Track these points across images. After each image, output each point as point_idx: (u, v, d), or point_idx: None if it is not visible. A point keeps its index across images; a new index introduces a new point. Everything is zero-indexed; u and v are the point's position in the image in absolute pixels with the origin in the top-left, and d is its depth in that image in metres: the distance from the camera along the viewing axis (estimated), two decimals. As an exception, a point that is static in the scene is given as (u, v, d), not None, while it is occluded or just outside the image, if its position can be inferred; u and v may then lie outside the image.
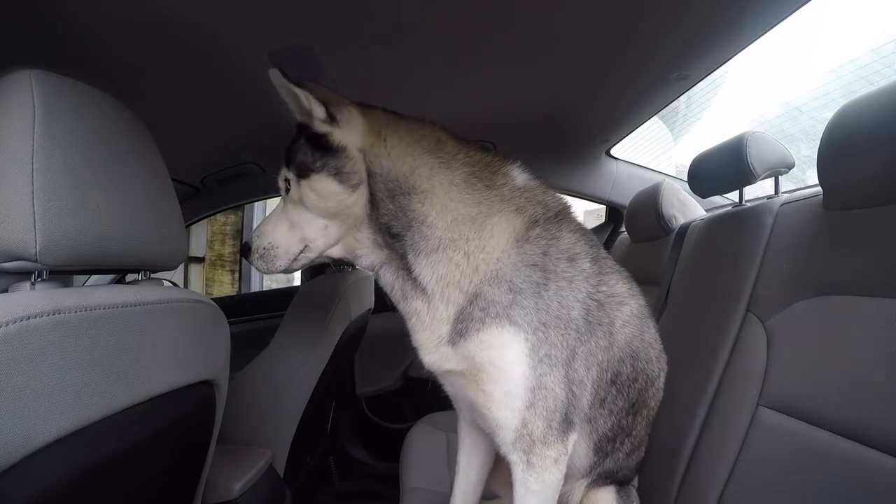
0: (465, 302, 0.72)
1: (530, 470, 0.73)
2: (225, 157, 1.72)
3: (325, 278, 1.46)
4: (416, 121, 0.79)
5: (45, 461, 0.44)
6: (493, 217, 0.74)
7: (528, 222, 0.75)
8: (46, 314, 0.45)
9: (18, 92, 0.48)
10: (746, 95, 2.18)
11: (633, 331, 0.82)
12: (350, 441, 1.98)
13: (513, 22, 0.98)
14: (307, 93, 0.72)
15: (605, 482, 0.87)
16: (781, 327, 0.80)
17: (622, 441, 0.85)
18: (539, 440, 0.71)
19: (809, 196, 0.86)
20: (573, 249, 0.76)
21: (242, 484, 0.92)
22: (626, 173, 1.91)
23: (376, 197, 0.74)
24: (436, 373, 0.82)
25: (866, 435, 0.60)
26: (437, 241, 0.73)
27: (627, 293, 0.83)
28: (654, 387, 0.88)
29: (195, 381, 0.67)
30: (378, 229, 0.75)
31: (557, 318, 0.71)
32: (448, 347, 0.74)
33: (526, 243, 0.73)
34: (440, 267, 0.73)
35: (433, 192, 0.73)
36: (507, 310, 0.70)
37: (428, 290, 0.74)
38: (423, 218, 0.73)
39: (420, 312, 0.76)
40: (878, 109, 0.65)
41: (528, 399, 0.70)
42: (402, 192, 0.73)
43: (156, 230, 0.63)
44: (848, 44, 1.69)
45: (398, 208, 0.73)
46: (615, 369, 0.79)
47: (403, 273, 0.76)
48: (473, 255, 0.72)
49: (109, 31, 0.92)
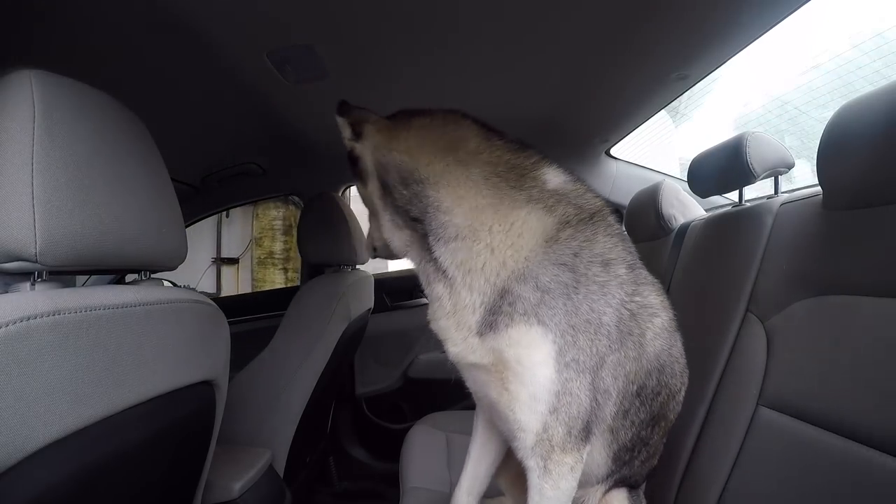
0: (494, 295, 0.72)
1: (546, 476, 0.72)
2: (225, 157, 1.72)
3: (325, 278, 1.46)
4: (442, 119, 0.81)
5: (45, 461, 0.44)
6: (521, 211, 0.74)
7: (559, 223, 0.74)
8: (46, 314, 0.45)
9: (18, 92, 0.48)
10: (732, 87, 2.17)
11: (663, 344, 0.80)
12: (350, 441, 1.97)
13: (512, 22, 0.98)
14: (341, 118, 0.86)
15: (618, 486, 0.87)
16: (781, 327, 0.80)
17: (640, 451, 0.84)
18: (558, 446, 0.71)
19: (809, 196, 0.86)
20: (608, 254, 0.74)
21: (242, 484, 0.92)
22: (625, 173, 1.92)
23: (388, 185, 0.79)
24: (459, 365, 0.80)
25: (866, 435, 0.60)
26: (455, 228, 0.73)
27: (660, 305, 0.81)
28: (675, 400, 0.85)
29: (195, 382, 0.67)
30: (395, 211, 0.80)
31: (587, 322, 0.70)
32: (476, 339, 0.73)
33: (556, 244, 0.72)
34: (460, 253, 0.74)
35: (447, 183, 0.75)
36: (535, 308, 0.69)
37: (449, 274, 0.75)
38: (437, 204, 0.74)
39: (442, 298, 0.77)
40: (878, 109, 0.65)
41: (552, 403, 0.69)
42: (415, 180, 0.76)
43: (156, 230, 0.63)
44: (832, 38, 1.70)
45: (412, 194, 0.76)
46: (641, 381, 0.77)
47: (426, 255, 0.78)
48: (499, 249, 0.72)
49: (110, 31, 0.92)
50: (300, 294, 1.41)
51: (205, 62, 1.07)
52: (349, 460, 1.94)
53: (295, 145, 1.64)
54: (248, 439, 1.24)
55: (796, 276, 0.81)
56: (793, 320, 0.78)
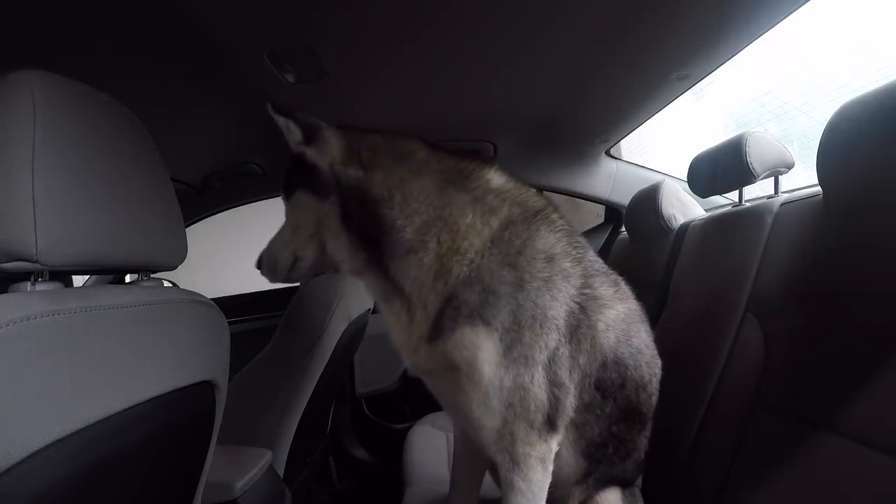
0: (441, 303, 0.73)
1: (516, 469, 0.74)
2: (225, 157, 1.72)
3: (325, 278, 1.46)
4: (391, 135, 0.82)
5: (45, 461, 0.44)
6: (466, 218, 0.75)
7: (504, 222, 0.75)
8: (46, 314, 0.45)
9: (18, 92, 0.48)
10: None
11: (619, 335, 0.80)
12: (350, 441, 1.97)
13: (513, 22, 0.98)
14: (287, 119, 0.81)
15: (607, 485, 0.87)
16: (780, 327, 0.80)
17: (616, 447, 0.84)
18: (521, 440, 0.72)
19: (809, 196, 0.86)
20: (552, 249, 0.75)
21: (242, 484, 0.92)
22: (625, 173, 1.91)
23: (347, 206, 0.78)
24: (417, 373, 0.83)
25: (866, 435, 0.60)
26: (407, 244, 0.74)
27: (613, 296, 0.81)
28: (646, 392, 0.85)
29: (195, 382, 0.67)
30: (354, 234, 0.78)
31: (532, 318, 0.71)
32: (427, 346, 0.75)
33: (500, 243, 0.74)
34: (413, 269, 0.75)
35: (402, 200, 0.75)
36: (479, 309, 0.71)
37: (405, 290, 0.76)
38: (391, 223, 0.75)
39: (399, 314, 0.78)
40: (878, 109, 0.65)
41: (505, 399, 0.71)
42: (371, 200, 0.76)
43: (156, 230, 0.63)
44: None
45: (368, 215, 0.76)
46: (598, 374, 0.78)
47: (383, 276, 0.78)
48: (447, 256, 0.73)
49: (110, 32, 0.92)
50: (300, 294, 1.41)
51: (205, 62, 1.07)
52: (349, 460, 1.93)
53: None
54: (248, 439, 1.24)
55: (796, 276, 0.81)
56: (792, 320, 0.78)
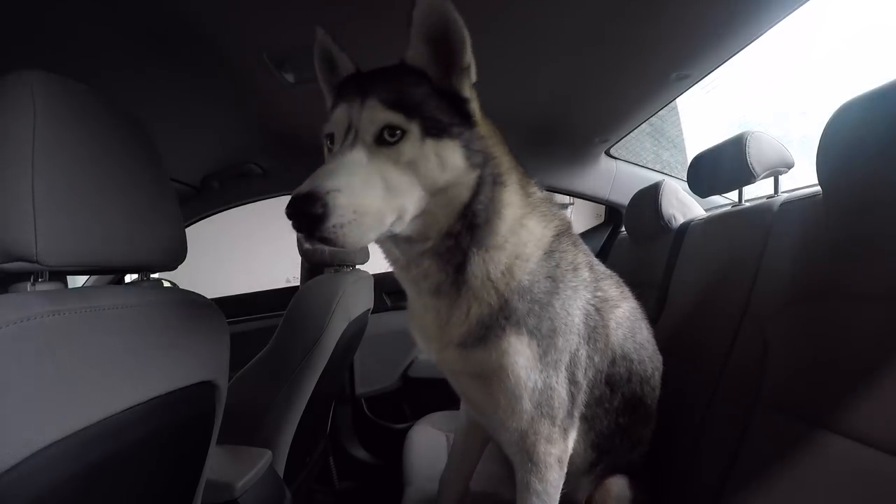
0: (490, 309, 0.72)
1: (534, 470, 0.75)
2: (225, 158, 1.72)
3: (325, 278, 1.46)
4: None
5: (46, 461, 0.44)
6: (530, 220, 0.76)
7: (554, 234, 0.78)
8: (46, 314, 0.45)
9: (18, 92, 0.48)
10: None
11: (626, 332, 0.86)
12: (350, 441, 1.97)
13: (513, 22, 0.98)
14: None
15: (613, 473, 0.90)
16: (780, 326, 0.80)
17: (621, 438, 0.88)
18: (545, 438, 0.74)
19: (809, 196, 0.86)
20: (576, 260, 0.80)
21: (242, 484, 0.92)
22: (625, 173, 1.91)
23: (483, 182, 0.67)
24: (443, 371, 0.83)
25: (866, 435, 0.60)
26: (500, 240, 0.72)
27: (619, 296, 0.87)
28: (649, 385, 0.90)
29: (195, 382, 0.67)
30: (464, 215, 0.67)
31: (565, 324, 0.75)
32: (460, 349, 0.75)
33: (549, 255, 0.77)
34: (490, 266, 0.72)
35: (510, 187, 0.73)
36: (525, 318, 0.72)
37: (469, 283, 0.72)
38: (497, 214, 0.70)
39: (440, 311, 0.76)
40: (878, 108, 0.65)
41: (536, 401, 0.73)
42: (499, 182, 0.70)
43: (156, 230, 0.63)
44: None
45: (489, 198, 0.69)
46: (609, 369, 0.83)
47: (447, 268, 0.71)
48: (517, 259, 0.74)
49: (110, 32, 0.92)
50: (300, 294, 1.41)
51: (205, 62, 1.07)
52: (349, 460, 1.93)
53: (295, 145, 1.64)
54: (248, 439, 1.23)
55: (796, 276, 0.81)
56: (792, 320, 0.78)
